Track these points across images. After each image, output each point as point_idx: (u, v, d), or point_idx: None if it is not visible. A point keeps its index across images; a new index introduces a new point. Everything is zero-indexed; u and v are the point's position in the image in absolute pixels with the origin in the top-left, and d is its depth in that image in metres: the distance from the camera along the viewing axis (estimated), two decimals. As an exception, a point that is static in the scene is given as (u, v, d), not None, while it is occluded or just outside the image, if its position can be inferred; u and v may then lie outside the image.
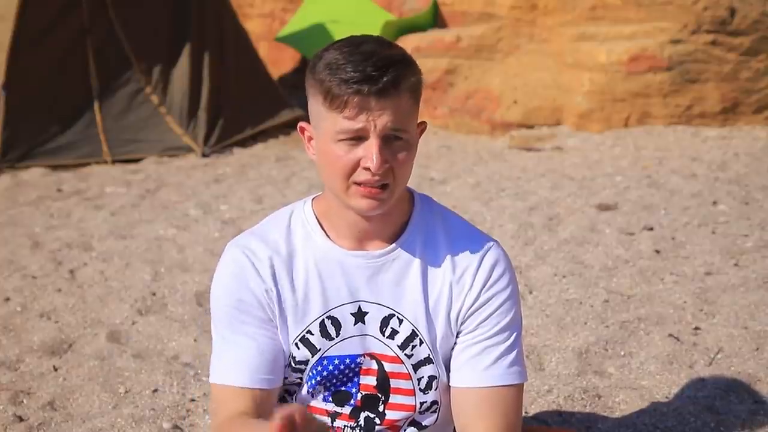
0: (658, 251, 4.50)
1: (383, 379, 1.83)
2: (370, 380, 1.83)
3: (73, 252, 4.75)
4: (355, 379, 1.84)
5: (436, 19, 8.64)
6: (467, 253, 1.81)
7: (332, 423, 1.87)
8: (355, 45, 1.69)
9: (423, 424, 1.88)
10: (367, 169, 1.67)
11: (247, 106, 7.43)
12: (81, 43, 7.02)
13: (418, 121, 1.76)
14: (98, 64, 7.06)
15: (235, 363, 1.78)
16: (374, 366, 1.83)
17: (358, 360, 1.82)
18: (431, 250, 1.81)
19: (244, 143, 7.43)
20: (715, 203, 5.33)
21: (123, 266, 4.50)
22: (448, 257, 1.81)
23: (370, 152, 1.66)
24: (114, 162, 6.89)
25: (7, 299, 4.05)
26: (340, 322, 1.81)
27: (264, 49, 9.42)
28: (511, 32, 7.93)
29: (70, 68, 6.98)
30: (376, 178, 1.68)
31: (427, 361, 1.82)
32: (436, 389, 1.84)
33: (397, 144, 1.69)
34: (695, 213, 5.14)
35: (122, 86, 7.16)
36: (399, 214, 1.81)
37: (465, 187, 6.02)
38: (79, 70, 7.01)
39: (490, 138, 7.55)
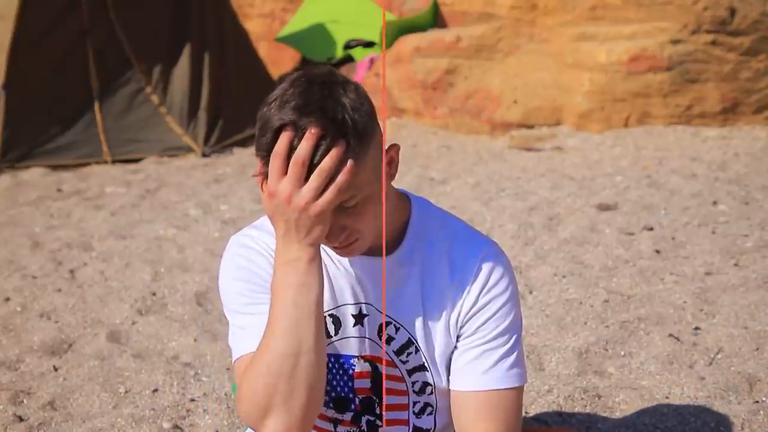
0: (658, 251, 4.50)
1: (377, 380, 1.81)
2: (364, 383, 1.82)
3: (73, 252, 4.75)
4: (350, 384, 1.82)
5: (436, 19, 8.64)
6: (465, 256, 1.78)
7: (335, 429, 1.87)
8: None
9: (423, 428, 1.87)
10: None
11: (247, 106, 7.37)
12: (81, 44, 7.02)
13: (387, 146, 1.67)
14: (98, 65, 7.07)
15: (252, 333, 1.70)
16: (367, 368, 1.81)
17: (352, 361, 1.81)
18: (429, 255, 1.78)
19: (244, 143, 7.42)
20: (715, 203, 5.33)
21: (123, 266, 4.50)
22: (447, 261, 1.78)
23: None
24: (114, 162, 6.89)
25: (7, 299, 4.05)
26: (341, 322, 1.79)
27: (264, 49, 9.43)
28: (511, 32, 7.94)
29: (70, 69, 6.98)
30: (340, 248, 1.68)
31: (422, 368, 1.80)
32: (430, 394, 1.82)
33: (350, 207, 1.62)
34: (695, 213, 5.13)
35: (122, 86, 7.16)
36: (395, 222, 1.77)
37: (465, 187, 6.02)
38: (79, 71, 7.01)
39: (490, 138, 7.55)
